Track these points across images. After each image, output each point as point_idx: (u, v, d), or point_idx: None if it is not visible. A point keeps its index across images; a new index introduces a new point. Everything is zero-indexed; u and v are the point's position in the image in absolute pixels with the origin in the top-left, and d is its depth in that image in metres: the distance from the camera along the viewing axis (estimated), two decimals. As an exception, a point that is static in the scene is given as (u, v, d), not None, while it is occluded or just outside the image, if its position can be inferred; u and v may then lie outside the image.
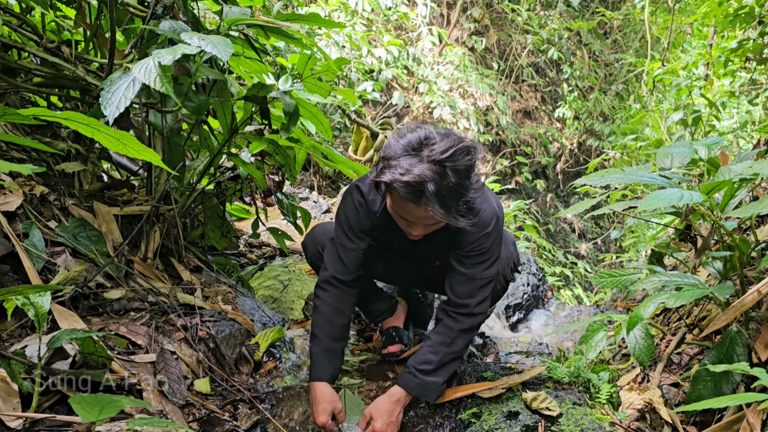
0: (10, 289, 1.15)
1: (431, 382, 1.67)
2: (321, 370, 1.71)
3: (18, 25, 1.81)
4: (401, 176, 1.38)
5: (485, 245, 1.65)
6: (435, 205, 1.39)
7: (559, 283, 6.55)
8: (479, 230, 1.61)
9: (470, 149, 1.45)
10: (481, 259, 1.66)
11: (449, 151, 1.41)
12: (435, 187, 1.37)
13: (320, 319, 1.75)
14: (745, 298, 1.40)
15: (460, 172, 1.42)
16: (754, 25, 3.96)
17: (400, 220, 1.57)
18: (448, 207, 1.42)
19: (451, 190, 1.40)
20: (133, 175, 2.41)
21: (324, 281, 1.76)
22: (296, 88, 1.97)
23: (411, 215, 1.49)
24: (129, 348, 1.53)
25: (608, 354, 2.14)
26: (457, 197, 1.44)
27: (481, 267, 1.66)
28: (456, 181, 1.41)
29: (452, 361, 1.70)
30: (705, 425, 1.44)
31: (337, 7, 6.29)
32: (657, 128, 4.78)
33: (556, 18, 8.51)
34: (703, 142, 1.75)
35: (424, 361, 1.67)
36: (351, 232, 1.73)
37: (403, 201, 1.44)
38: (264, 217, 2.89)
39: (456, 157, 1.41)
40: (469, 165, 1.44)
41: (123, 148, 1.10)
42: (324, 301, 1.75)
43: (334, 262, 1.75)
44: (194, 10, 1.95)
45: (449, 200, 1.41)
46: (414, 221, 1.52)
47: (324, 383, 1.69)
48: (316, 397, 1.67)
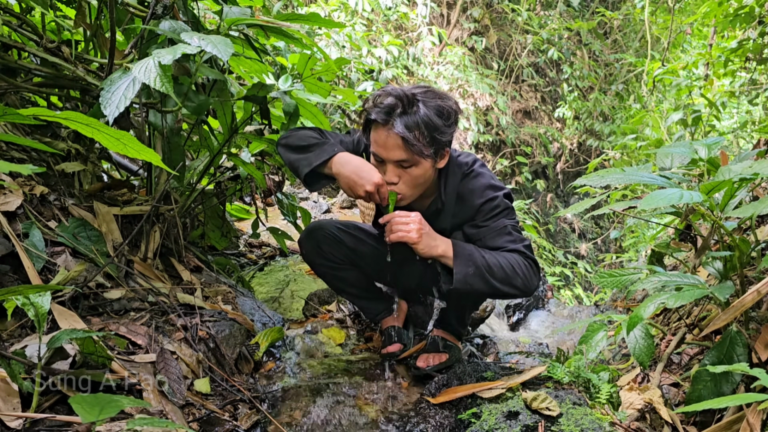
0: (10, 289, 1.15)
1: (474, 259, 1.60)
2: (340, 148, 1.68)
3: (18, 25, 1.81)
4: (376, 102, 1.55)
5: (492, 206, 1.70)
6: (400, 126, 1.50)
7: (559, 283, 6.55)
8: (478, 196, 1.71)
9: (446, 96, 1.60)
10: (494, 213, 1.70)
11: (421, 89, 1.58)
12: (403, 109, 1.52)
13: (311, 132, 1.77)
14: (745, 298, 1.40)
15: (429, 107, 1.54)
16: (754, 25, 3.96)
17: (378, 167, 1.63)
18: (413, 133, 1.52)
19: (419, 118, 1.52)
20: (133, 175, 2.41)
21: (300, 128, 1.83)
22: (296, 88, 1.97)
23: (380, 145, 1.57)
24: (129, 348, 1.53)
25: (608, 354, 2.14)
26: (425, 128, 1.53)
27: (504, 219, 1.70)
28: (425, 111, 1.53)
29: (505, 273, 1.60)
30: (705, 425, 1.44)
31: (337, 7, 6.29)
32: (657, 128, 4.78)
33: (556, 18, 8.50)
34: (703, 142, 1.75)
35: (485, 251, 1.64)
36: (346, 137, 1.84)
37: (375, 129, 1.57)
38: (264, 217, 2.90)
39: (428, 96, 1.56)
40: (440, 105, 1.56)
41: (123, 148, 1.10)
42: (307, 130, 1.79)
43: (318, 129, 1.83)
44: (194, 10, 1.95)
45: (415, 128, 1.52)
46: (383, 155, 1.58)
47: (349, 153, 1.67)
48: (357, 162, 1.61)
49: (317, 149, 1.67)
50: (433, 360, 1.93)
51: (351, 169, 1.60)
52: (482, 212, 1.71)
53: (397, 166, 1.60)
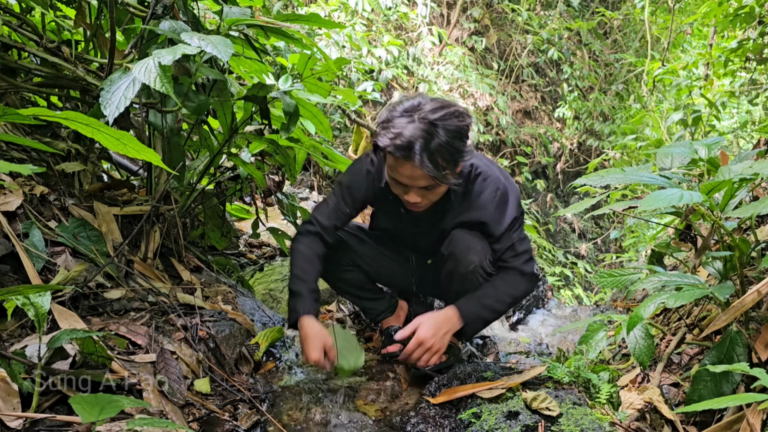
0: (10, 289, 1.15)
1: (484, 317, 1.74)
2: (308, 305, 1.71)
3: (18, 25, 1.81)
4: (393, 135, 1.47)
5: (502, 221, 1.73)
6: (425, 160, 1.45)
7: (559, 283, 6.55)
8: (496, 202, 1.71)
9: (461, 113, 1.53)
10: (504, 229, 1.74)
11: (439, 112, 1.49)
12: (424, 143, 1.44)
13: (302, 260, 1.78)
14: (745, 298, 1.40)
15: (450, 131, 1.48)
16: (754, 25, 3.96)
17: (396, 188, 1.62)
18: (437, 163, 1.48)
19: (441, 147, 1.46)
20: (133, 175, 2.41)
21: (306, 230, 1.83)
22: (296, 88, 1.97)
23: (404, 176, 1.55)
24: (129, 348, 1.53)
25: (608, 354, 2.14)
26: (447, 155, 1.49)
27: (512, 231, 1.75)
28: (446, 139, 1.47)
29: (507, 302, 1.77)
30: (705, 425, 1.44)
31: (337, 7, 6.29)
32: (657, 128, 4.78)
33: (556, 18, 8.50)
34: (703, 142, 1.75)
35: (485, 294, 1.74)
36: (350, 198, 1.80)
37: (396, 161, 1.51)
38: (264, 217, 2.89)
39: (446, 118, 1.48)
40: (458, 126, 1.51)
41: (123, 148, 1.10)
42: (306, 246, 1.80)
43: (322, 214, 1.82)
44: (194, 10, 1.95)
45: (439, 157, 1.47)
46: (407, 183, 1.56)
47: (313, 318, 1.69)
48: (306, 333, 1.67)
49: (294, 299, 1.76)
50: (433, 360, 1.93)
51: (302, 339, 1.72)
52: (493, 222, 1.73)
53: (421, 188, 1.60)
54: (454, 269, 1.81)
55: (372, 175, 1.77)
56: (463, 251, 1.76)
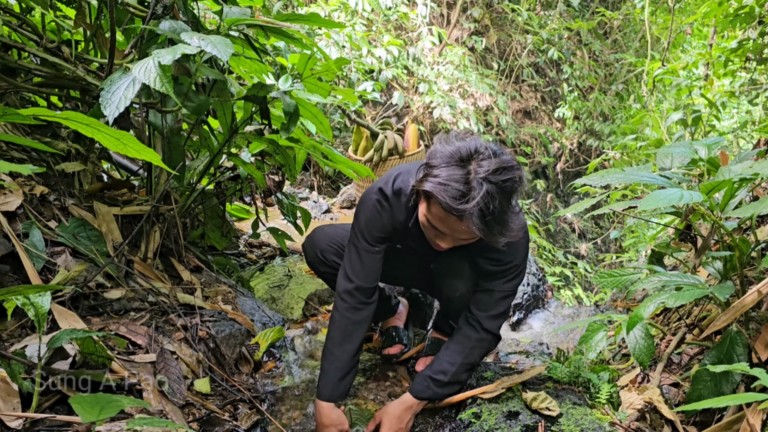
0: (10, 289, 1.15)
1: (444, 393, 1.70)
2: (330, 389, 1.64)
3: (18, 25, 1.81)
4: (447, 189, 1.33)
5: (512, 260, 1.64)
6: (478, 222, 1.33)
7: (559, 283, 6.54)
8: (509, 245, 1.53)
9: (517, 169, 1.39)
10: (503, 270, 1.66)
11: (500, 173, 1.35)
12: (484, 207, 1.32)
13: (337, 333, 1.67)
14: (745, 299, 1.40)
15: (506, 195, 1.37)
16: (754, 25, 3.96)
17: (430, 230, 1.50)
18: (490, 226, 1.36)
19: (497, 214, 1.34)
20: (133, 175, 2.41)
21: (344, 291, 1.67)
22: (296, 88, 1.96)
23: (448, 227, 1.43)
24: (129, 348, 1.53)
25: (608, 354, 2.14)
26: (502, 218, 1.37)
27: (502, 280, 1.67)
28: (503, 202, 1.36)
29: (466, 372, 1.72)
30: (705, 425, 1.44)
31: (337, 7, 6.29)
32: (657, 128, 4.78)
33: (556, 18, 8.50)
34: (703, 142, 1.75)
35: (440, 371, 1.68)
36: (371, 237, 1.67)
37: (443, 212, 1.38)
38: (264, 217, 2.90)
39: (506, 181, 1.35)
40: (514, 187, 1.39)
41: (123, 148, 1.10)
42: (342, 314, 1.67)
43: (354, 270, 1.67)
44: (194, 10, 1.95)
45: (494, 221, 1.35)
46: (448, 233, 1.45)
47: (330, 405, 1.64)
48: (321, 420, 1.63)
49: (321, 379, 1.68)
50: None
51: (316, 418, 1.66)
52: (493, 263, 1.65)
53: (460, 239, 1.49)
54: (441, 290, 1.82)
55: (387, 210, 1.65)
56: (451, 277, 1.74)
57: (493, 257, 1.63)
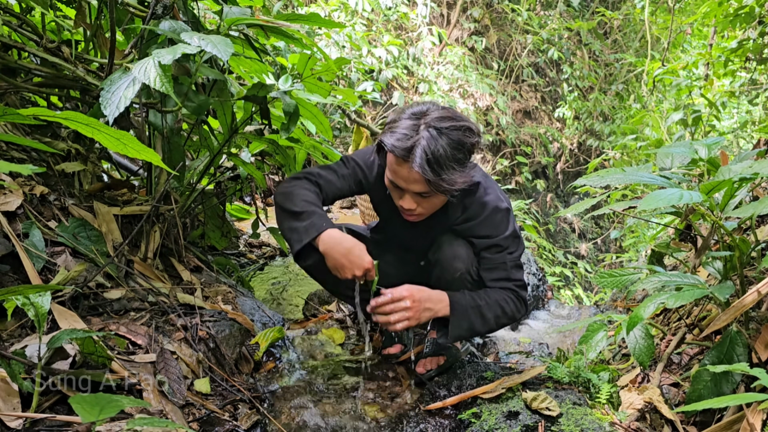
0: (10, 289, 1.15)
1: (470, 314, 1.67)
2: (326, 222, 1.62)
3: (18, 25, 1.81)
4: (397, 135, 1.49)
5: (501, 233, 1.71)
6: (423, 164, 1.45)
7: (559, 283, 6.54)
8: (490, 222, 1.68)
9: (468, 128, 1.52)
10: (497, 243, 1.71)
11: (445, 122, 1.49)
12: (425, 147, 1.45)
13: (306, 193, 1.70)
14: (745, 298, 1.40)
15: (453, 142, 1.48)
16: (754, 25, 3.96)
17: (394, 192, 1.62)
18: (434, 170, 1.46)
19: (441, 154, 1.46)
20: (133, 175, 2.41)
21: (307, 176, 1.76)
22: (296, 88, 1.97)
23: (401, 177, 1.54)
24: (129, 348, 1.53)
25: (608, 354, 2.14)
26: (446, 163, 1.48)
27: (503, 253, 1.72)
28: (447, 147, 1.47)
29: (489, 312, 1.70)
30: (705, 425, 1.44)
31: (337, 7, 6.29)
32: (657, 128, 4.78)
33: (556, 18, 8.50)
34: (703, 142, 1.75)
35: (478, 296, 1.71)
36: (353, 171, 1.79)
37: (396, 161, 1.52)
38: (264, 217, 2.90)
39: (451, 129, 1.49)
40: (461, 139, 1.50)
41: (123, 148, 1.10)
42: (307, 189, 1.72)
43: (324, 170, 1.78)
44: (194, 10, 1.95)
45: (436, 163, 1.46)
46: (403, 186, 1.56)
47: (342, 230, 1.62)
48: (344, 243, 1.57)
49: (307, 220, 1.62)
50: (431, 364, 1.93)
51: (341, 252, 1.57)
52: (487, 238, 1.71)
53: (416, 194, 1.58)
54: (441, 276, 1.81)
55: (375, 162, 1.78)
56: (449, 259, 1.75)
57: (481, 235, 1.71)
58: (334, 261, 1.59)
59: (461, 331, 1.68)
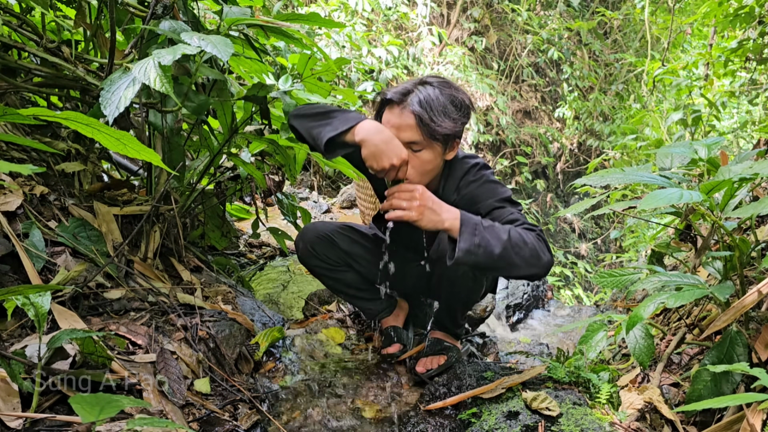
0: (10, 289, 1.15)
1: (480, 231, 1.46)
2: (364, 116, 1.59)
3: (18, 25, 1.81)
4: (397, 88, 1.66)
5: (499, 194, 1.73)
6: (415, 104, 1.58)
7: (559, 283, 6.54)
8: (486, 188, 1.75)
9: (462, 93, 1.68)
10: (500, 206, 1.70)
11: (443, 84, 1.66)
12: (421, 92, 1.61)
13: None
14: (746, 299, 1.40)
15: (446, 95, 1.63)
16: (754, 25, 3.96)
17: None
18: (428, 112, 1.58)
19: (434, 100, 1.60)
20: (133, 175, 2.41)
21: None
22: (296, 88, 1.97)
23: (395, 125, 1.62)
24: (129, 348, 1.53)
25: (608, 354, 2.14)
26: (439, 108, 1.60)
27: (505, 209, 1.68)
28: (441, 97, 1.62)
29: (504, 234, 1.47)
30: (705, 425, 1.44)
31: (337, 7, 6.29)
32: (657, 128, 4.78)
33: (556, 18, 8.50)
34: (703, 142, 1.75)
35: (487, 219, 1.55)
36: None
37: (390, 109, 1.64)
38: (264, 217, 2.90)
39: (444, 86, 1.65)
40: (454, 95, 1.65)
41: (123, 148, 1.10)
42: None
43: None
44: (194, 10, 1.95)
45: (430, 107, 1.59)
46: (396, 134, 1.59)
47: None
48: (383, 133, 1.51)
49: (341, 116, 1.58)
50: (431, 363, 1.93)
51: (381, 138, 1.49)
52: (486, 206, 1.71)
53: (408, 148, 1.62)
54: (443, 273, 1.80)
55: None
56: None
57: (485, 196, 1.73)
58: (375, 147, 1.48)
59: (471, 245, 1.43)
